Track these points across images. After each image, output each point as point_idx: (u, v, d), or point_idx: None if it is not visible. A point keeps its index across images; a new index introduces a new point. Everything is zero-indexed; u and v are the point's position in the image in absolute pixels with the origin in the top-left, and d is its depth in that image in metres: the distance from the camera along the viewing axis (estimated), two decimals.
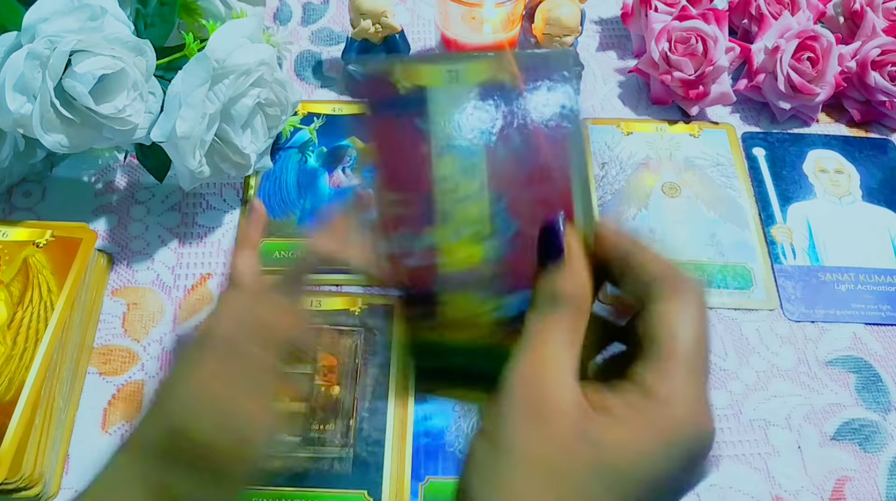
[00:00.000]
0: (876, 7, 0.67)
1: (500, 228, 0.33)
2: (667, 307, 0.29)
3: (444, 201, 0.34)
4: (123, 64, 0.45)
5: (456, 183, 0.33)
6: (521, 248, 0.33)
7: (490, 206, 0.33)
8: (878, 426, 0.50)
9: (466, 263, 0.33)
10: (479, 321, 0.34)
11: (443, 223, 0.34)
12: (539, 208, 0.33)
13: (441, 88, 0.34)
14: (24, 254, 0.49)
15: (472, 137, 0.34)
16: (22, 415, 0.43)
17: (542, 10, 0.60)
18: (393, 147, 0.34)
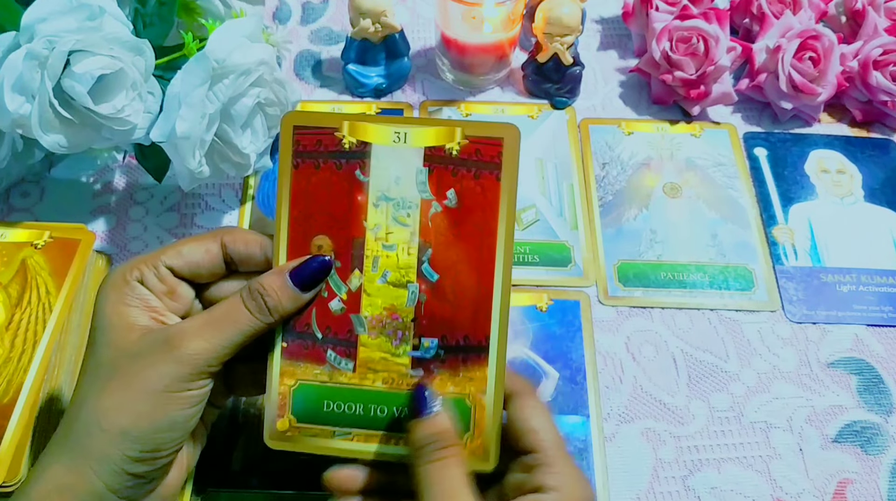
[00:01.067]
0: (878, 6, 0.67)
1: (424, 276, 0.37)
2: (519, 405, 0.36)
3: (373, 246, 0.37)
4: (122, 64, 0.45)
5: (386, 231, 0.37)
6: (439, 297, 0.36)
7: (417, 254, 0.36)
8: (879, 429, 0.49)
9: (387, 306, 0.37)
10: (392, 364, 0.37)
11: (370, 268, 0.37)
12: (461, 265, 0.36)
13: (386, 146, 0.37)
14: (23, 255, 0.49)
15: (409, 192, 0.37)
16: (20, 417, 0.43)
17: (542, 9, 0.60)
18: (329, 194, 0.37)
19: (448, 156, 0.36)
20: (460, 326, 0.36)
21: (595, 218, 0.58)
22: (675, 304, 0.54)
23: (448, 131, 0.36)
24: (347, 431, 0.37)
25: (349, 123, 0.37)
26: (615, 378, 0.51)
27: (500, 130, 0.36)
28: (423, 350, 0.37)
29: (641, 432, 0.49)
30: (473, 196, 0.36)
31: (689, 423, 0.49)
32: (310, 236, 0.37)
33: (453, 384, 0.36)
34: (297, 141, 0.37)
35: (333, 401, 0.37)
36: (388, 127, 0.36)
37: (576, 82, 0.64)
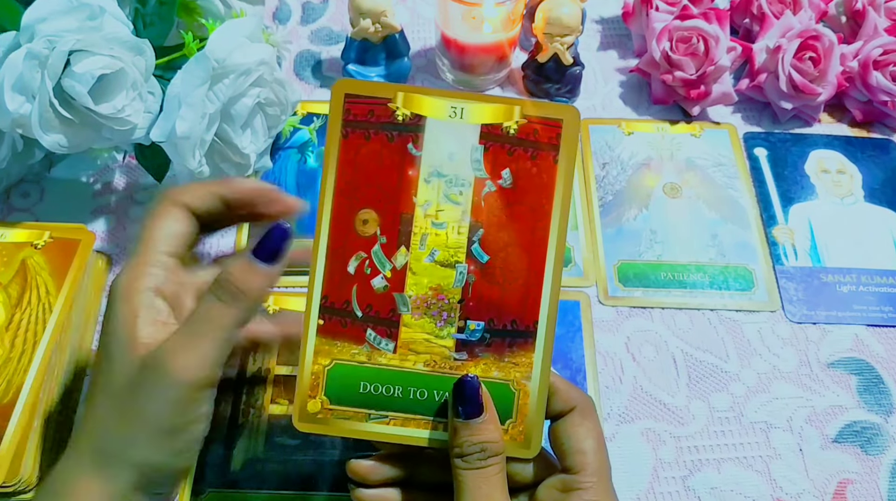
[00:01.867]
0: (878, 6, 0.67)
1: (474, 257, 0.35)
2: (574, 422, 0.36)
3: (422, 224, 0.35)
4: (122, 64, 0.45)
5: (437, 208, 0.35)
6: (489, 279, 0.35)
7: (468, 234, 0.35)
8: (879, 429, 0.49)
9: (433, 286, 0.36)
10: (436, 346, 0.36)
11: (417, 246, 0.36)
12: (512, 248, 0.35)
13: (441, 121, 0.35)
14: (23, 255, 0.49)
15: (463, 169, 0.35)
16: (20, 418, 0.43)
17: (542, 9, 0.60)
18: (378, 167, 0.35)
19: (505, 134, 0.35)
20: (508, 309, 0.36)
21: (595, 218, 0.58)
22: (675, 304, 0.54)
23: (506, 109, 0.35)
24: (384, 414, 0.36)
25: (404, 94, 0.35)
26: (615, 378, 0.51)
27: (560, 111, 0.35)
28: (469, 333, 0.36)
29: (641, 432, 0.49)
30: (529, 177, 0.35)
31: (689, 423, 0.49)
32: (355, 210, 0.36)
33: (498, 368, 0.36)
34: (347, 109, 0.35)
35: (371, 383, 0.36)
36: (444, 100, 0.35)
37: (576, 82, 0.64)
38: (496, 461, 0.34)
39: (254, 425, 0.47)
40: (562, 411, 0.36)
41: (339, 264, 0.36)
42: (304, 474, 0.46)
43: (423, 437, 0.36)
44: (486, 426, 0.34)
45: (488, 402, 0.35)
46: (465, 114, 0.35)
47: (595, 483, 0.34)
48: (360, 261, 0.36)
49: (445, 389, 0.36)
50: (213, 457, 0.46)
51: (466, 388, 0.35)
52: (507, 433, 0.36)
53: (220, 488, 0.45)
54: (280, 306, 0.51)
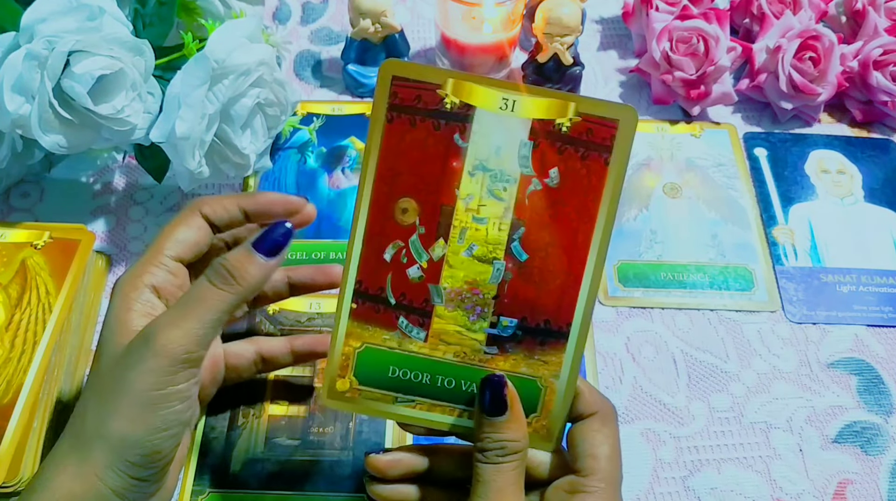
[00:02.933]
0: (878, 6, 0.66)
1: (513, 254, 0.35)
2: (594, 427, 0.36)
3: (463, 217, 0.35)
4: (122, 64, 0.45)
5: (479, 203, 0.35)
6: (526, 278, 0.35)
7: (508, 232, 0.35)
8: (879, 429, 0.49)
9: (469, 280, 0.35)
10: (467, 339, 0.36)
11: (456, 239, 0.35)
12: (553, 250, 0.35)
13: (490, 112, 0.34)
14: (22, 256, 0.49)
15: (509, 165, 0.34)
16: (20, 418, 0.43)
17: (542, 9, 0.60)
18: (422, 155, 0.35)
19: (556, 132, 0.34)
20: (543, 309, 0.35)
21: None
22: (675, 304, 0.54)
23: (560, 105, 0.34)
24: (411, 399, 0.36)
25: (454, 80, 0.34)
26: (615, 379, 0.51)
27: (617, 111, 0.34)
28: (501, 329, 0.36)
29: (641, 432, 0.49)
30: (577, 178, 0.34)
31: (689, 423, 0.49)
32: (395, 197, 0.35)
33: (527, 365, 0.36)
34: (394, 92, 0.34)
35: (400, 368, 0.36)
36: (496, 91, 0.34)
37: (576, 82, 0.64)
38: (515, 458, 0.34)
39: (254, 425, 0.47)
40: (582, 414, 0.37)
41: (375, 251, 0.35)
42: (304, 474, 0.46)
43: (448, 423, 0.36)
44: (508, 425, 0.35)
45: (514, 401, 0.35)
46: (517, 107, 0.34)
47: (602, 490, 0.35)
48: (398, 250, 0.35)
49: (473, 380, 0.36)
50: (213, 457, 0.46)
51: (493, 386, 0.35)
52: (530, 425, 0.36)
53: (220, 488, 0.45)
54: (280, 307, 0.51)
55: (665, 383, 0.51)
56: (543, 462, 0.37)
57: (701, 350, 0.52)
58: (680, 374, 0.51)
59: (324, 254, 0.55)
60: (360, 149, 0.61)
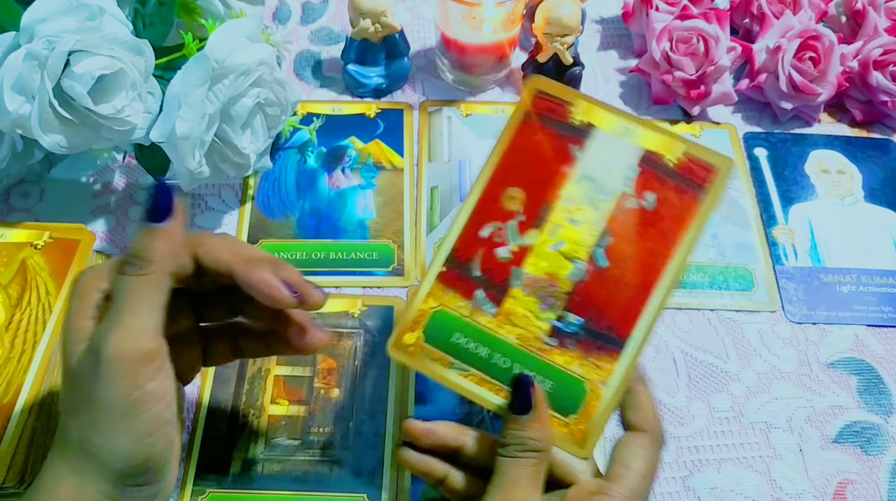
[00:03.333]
0: (878, 6, 0.66)
1: (595, 258, 0.38)
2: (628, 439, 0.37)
3: (560, 216, 0.38)
4: (122, 64, 0.45)
5: (578, 207, 0.38)
6: (601, 283, 0.38)
7: (597, 238, 0.38)
8: (879, 429, 0.49)
9: (549, 272, 0.38)
10: (532, 325, 0.38)
11: (547, 232, 0.38)
12: (631, 263, 0.38)
13: (609, 135, 0.39)
14: (23, 256, 0.49)
15: (613, 181, 0.38)
16: (20, 418, 0.43)
17: (542, 9, 0.60)
18: (540, 155, 0.39)
19: (663, 164, 0.38)
20: (609, 316, 0.37)
21: None
22: (674, 304, 0.54)
23: (671, 143, 0.38)
24: (466, 368, 0.38)
25: (586, 103, 0.39)
26: None
27: (718, 160, 0.38)
28: (566, 324, 0.37)
29: None
30: (671, 206, 0.38)
31: (689, 423, 0.49)
32: (507, 184, 0.39)
33: (580, 364, 0.37)
34: (534, 102, 0.39)
35: (464, 336, 0.38)
36: (619, 119, 0.39)
37: (576, 82, 0.64)
38: (534, 456, 0.35)
39: (254, 425, 0.47)
40: (636, 427, 0.37)
41: (476, 226, 0.39)
42: (304, 474, 0.46)
43: (491, 401, 0.38)
44: (531, 424, 0.36)
45: (540, 402, 0.36)
46: (634, 135, 0.39)
47: (624, 497, 0.35)
48: (495, 229, 0.39)
49: (527, 365, 0.38)
50: (213, 457, 0.46)
51: (521, 386, 0.36)
52: (567, 426, 0.37)
53: (220, 488, 0.45)
54: None
55: (665, 383, 0.51)
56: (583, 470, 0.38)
57: (701, 350, 0.52)
58: (680, 374, 0.51)
59: (324, 254, 0.55)
60: (359, 149, 0.61)
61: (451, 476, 0.39)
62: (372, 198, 0.58)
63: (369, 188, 0.59)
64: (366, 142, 0.61)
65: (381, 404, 0.48)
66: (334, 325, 0.51)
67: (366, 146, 0.61)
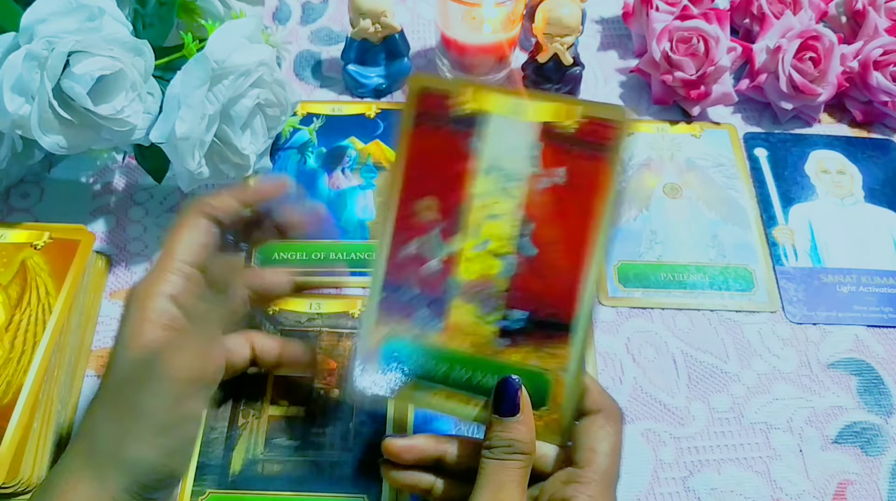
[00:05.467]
0: (878, 7, 0.66)
1: (522, 249, 0.37)
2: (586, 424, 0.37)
3: (476, 214, 0.37)
4: (122, 65, 0.45)
5: (492, 201, 0.37)
6: (534, 272, 0.37)
7: (518, 227, 0.37)
8: (880, 430, 0.49)
9: (482, 274, 0.37)
10: (481, 330, 0.37)
11: (470, 234, 0.37)
12: (560, 245, 0.37)
13: (503, 117, 0.37)
14: (22, 256, 0.49)
15: (519, 164, 0.37)
16: (20, 418, 0.43)
17: (542, 9, 0.60)
18: (442, 158, 0.38)
19: (563, 133, 0.36)
20: (550, 303, 0.37)
21: None
22: (675, 305, 0.54)
23: (567, 109, 0.37)
24: (430, 386, 0.38)
25: (474, 89, 0.37)
26: (615, 379, 0.51)
27: (615, 113, 0.36)
28: (512, 321, 0.37)
29: (641, 433, 0.49)
30: (583, 176, 0.36)
31: (690, 424, 0.49)
32: (419, 196, 0.38)
33: (537, 357, 0.37)
34: (420, 102, 0.38)
35: (420, 357, 0.38)
36: (506, 97, 0.37)
37: (576, 83, 0.64)
38: (521, 458, 0.35)
39: (254, 425, 0.47)
40: (588, 411, 0.37)
41: (400, 246, 0.38)
42: (304, 474, 0.46)
43: (461, 412, 0.38)
44: (518, 426, 0.36)
45: (526, 405, 0.36)
46: (526, 111, 0.37)
47: (596, 481, 0.35)
48: (419, 244, 0.38)
49: (486, 371, 0.37)
50: (213, 458, 0.46)
51: (508, 388, 0.36)
52: (540, 419, 0.37)
53: (220, 489, 0.45)
54: (280, 308, 0.51)
55: (665, 383, 0.51)
56: (548, 455, 0.38)
57: (701, 351, 0.52)
58: (680, 374, 0.51)
59: (323, 254, 0.55)
60: (359, 149, 0.61)
61: (436, 486, 0.39)
62: (372, 198, 0.58)
63: (369, 189, 0.59)
64: (366, 142, 0.61)
65: (380, 404, 0.48)
66: (334, 325, 0.51)
67: (366, 147, 0.61)
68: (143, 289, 0.35)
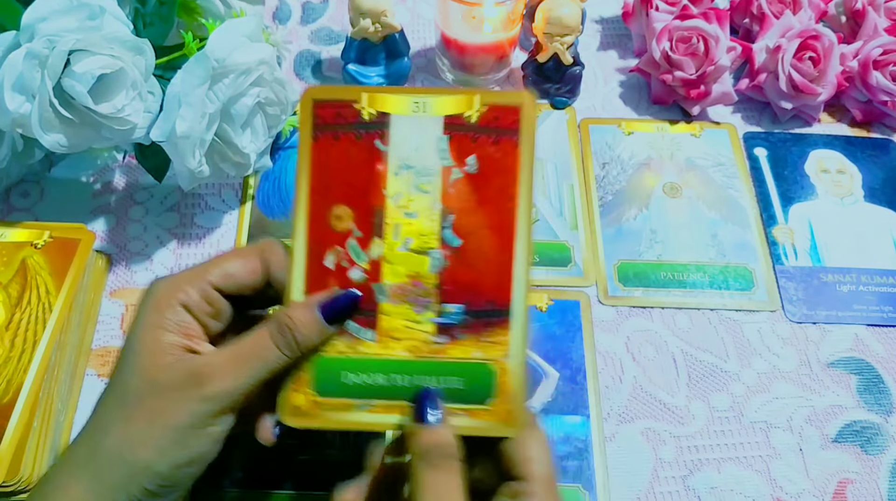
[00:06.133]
0: (878, 6, 0.67)
1: (447, 241, 0.37)
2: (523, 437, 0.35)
3: (394, 214, 0.37)
4: (122, 63, 0.45)
5: (408, 199, 0.37)
6: (463, 262, 0.37)
7: (440, 221, 0.37)
8: (879, 429, 0.49)
9: (410, 273, 0.37)
10: (416, 332, 0.37)
11: (391, 236, 0.37)
12: (483, 231, 0.37)
13: (405, 116, 0.37)
14: (23, 255, 0.49)
15: (430, 159, 0.37)
16: (20, 417, 0.43)
17: (542, 9, 0.60)
18: (349, 165, 0.37)
19: (467, 123, 0.37)
20: (484, 291, 0.36)
21: (595, 218, 0.58)
22: (675, 304, 0.54)
23: (467, 99, 0.37)
24: (369, 402, 0.36)
25: (368, 94, 0.37)
26: (615, 378, 0.51)
27: (516, 98, 0.36)
28: (447, 316, 0.36)
29: (641, 432, 0.49)
30: (493, 161, 0.36)
31: (689, 423, 0.49)
32: (328, 206, 0.37)
33: (478, 348, 0.36)
34: (316, 114, 0.37)
35: (354, 372, 0.36)
36: (407, 97, 0.37)
37: (576, 82, 0.64)
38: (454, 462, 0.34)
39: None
40: None
41: (317, 260, 0.37)
42: (304, 474, 0.46)
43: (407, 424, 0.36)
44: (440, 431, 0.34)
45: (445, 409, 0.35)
46: (428, 107, 0.37)
47: (543, 491, 0.34)
48: (337, 255, 0.37)
49: (427, 373, 0.36)
50: None
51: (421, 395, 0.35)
52: (489, 412, 0.36)
53: (220, 488, 0.45)
54: None
55: (665, 382, 0.51)
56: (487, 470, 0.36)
57: (701, 350, 0.52)
58: (680, 373, 0.51)
59: None
60: None
61: None
62: None
63: None
64: None
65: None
66: None
67: None
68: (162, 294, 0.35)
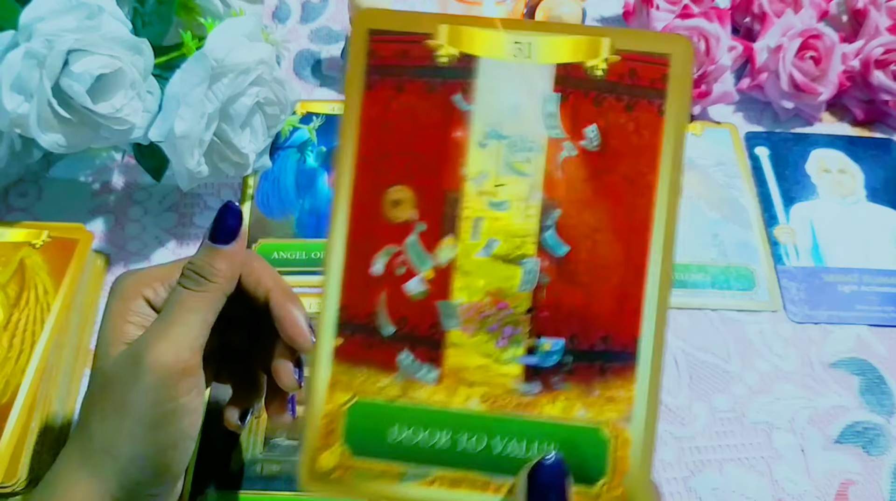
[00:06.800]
0: (879, 5, 0.66)
1: (547, 247, 0.27)
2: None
3: (475, 204, 0.27)
4: (121, 63, 0.45)
5: (496, 182, 0.27)
6: (569, 279, 0.27)
7: (539, 217, 0.27)
8: (882, 429, 0.49)
9: (491, 290, 0.26)
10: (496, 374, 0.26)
11: (468, 234, 0.27)
12: (602, 236, 0.26)
13: (500, 62, 0.27)
14: (21, 255, 0.49)
15: (531, 127, 0.26)
16: (18, 418, 0.43)
17: (542, 8, 0.60)
18: (415, 128, 0.27)
19: (590, 78, 0.27)
20: (598, 321, 0.27)
21: None
22: (676, 304, 0.54)
23: (590, 43, 0.26)
24: (424, 471, 0.27)
25: (449, 27, 0.27)
26: None
27: (664, 43, 0.26)
28: (542, 356, 0.27)
29: None
30: (624, 135, 0.27)
31: (691, 424, 0.49)
32: (384, 187, 0.27)
33: (585, 406, 0.27)
34: (372, 51, 0.27)
35: (406, 426, 0.27)
36: (504, 34, 0.27)
37: None
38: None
39: (253, 425, 0.47)
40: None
41: (361, 263, 0.27)
42: None
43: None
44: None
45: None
46: (534, 51, 0.27)
47: None
48: (391, 257, 0.27)
49: (509, 435, 0.27)
50: (212, 457, 0.46)
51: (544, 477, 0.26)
52: (598, 499, 0.26)
53: (219, 488, 0.45)
54: None
55: (666, 383, 0.51)
56: None
57: (702, 350, 0.52)
58: (681, 374, 0.51)
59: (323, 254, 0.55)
60: None
61: None
62: None
63: None
64: None
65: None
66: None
67: None
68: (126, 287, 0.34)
